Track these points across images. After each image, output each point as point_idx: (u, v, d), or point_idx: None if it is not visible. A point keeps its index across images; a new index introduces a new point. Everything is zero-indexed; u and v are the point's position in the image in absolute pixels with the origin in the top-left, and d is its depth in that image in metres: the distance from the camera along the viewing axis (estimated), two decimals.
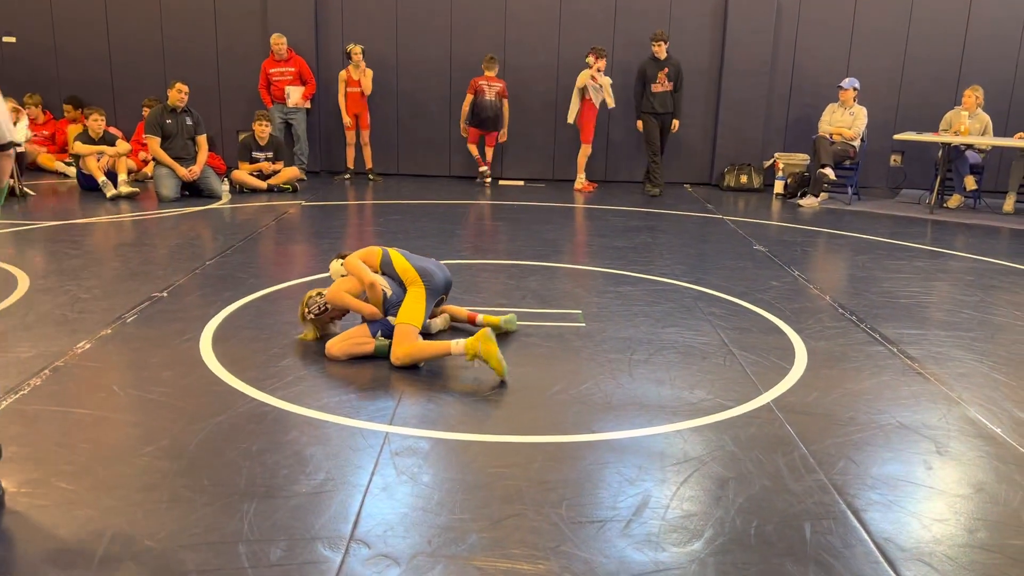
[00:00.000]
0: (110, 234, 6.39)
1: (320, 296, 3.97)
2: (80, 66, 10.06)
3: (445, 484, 2.64)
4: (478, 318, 4.22)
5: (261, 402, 3.23)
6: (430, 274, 3.92)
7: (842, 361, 3.91)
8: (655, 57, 9.18)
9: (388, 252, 4.04)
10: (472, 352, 3.52)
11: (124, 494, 2.51)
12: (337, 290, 3.91)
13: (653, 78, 9.16)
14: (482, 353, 3.50)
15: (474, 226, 7.10)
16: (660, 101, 9.22)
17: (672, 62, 9.19)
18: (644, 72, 9.24)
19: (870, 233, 7.28)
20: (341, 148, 10.00)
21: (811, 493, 2.64)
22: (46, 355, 3.65)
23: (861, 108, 8.95)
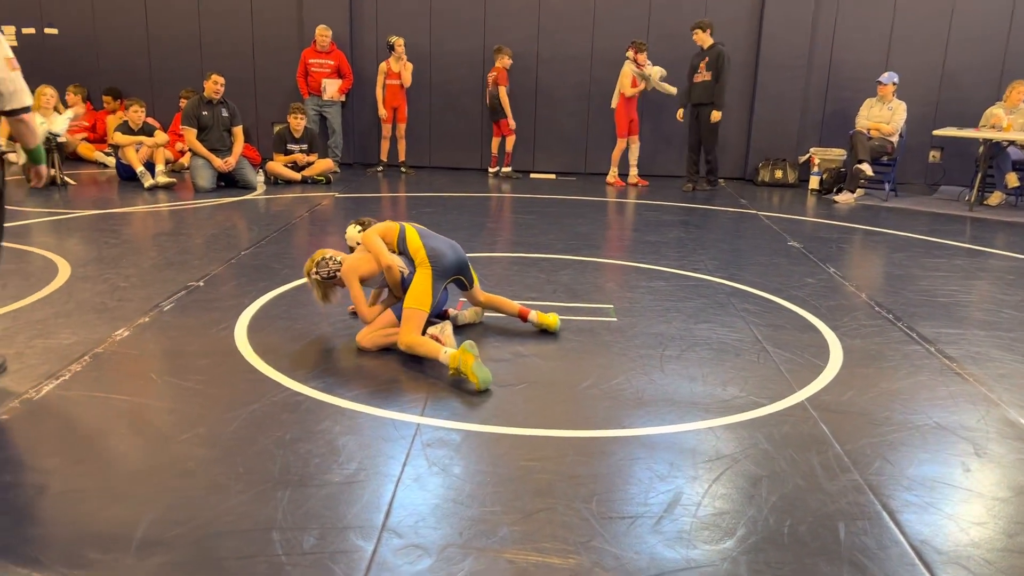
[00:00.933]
0: (148, 223, 6.49)
1: (333, 262, 3.90)
2: (119, 57, 10.21)
3: (476, 476, 2.65)
4: (530, 315, 4.11)
5: (294, 391, 3.26)
6: (440, 255, 3.78)
7: (878, 360, 3.86)
8: (700, 47, 9.01)
9: (405, 228, 3.93)
10: (454, 365, 3.37)
11: (161, 480, 2.55)
12: (352, 271, 3.82)
13: (695, 68, 9.05)
14: (460, 366, 3.35)
15: (505, 219, 7.10)
16: (696, 92, 9.02)
17: (712, 51, 8.91)
18: (691, 63, 9.12)
19: (908, 230, 7.16)
20: (374, 140, 10.06)
21: (845, 493, 2.61)
22: (86, 342, 3.72)
23: (900, 103, 8.79)
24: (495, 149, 9.78)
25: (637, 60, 9.02)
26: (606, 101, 9.56)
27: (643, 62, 9.04)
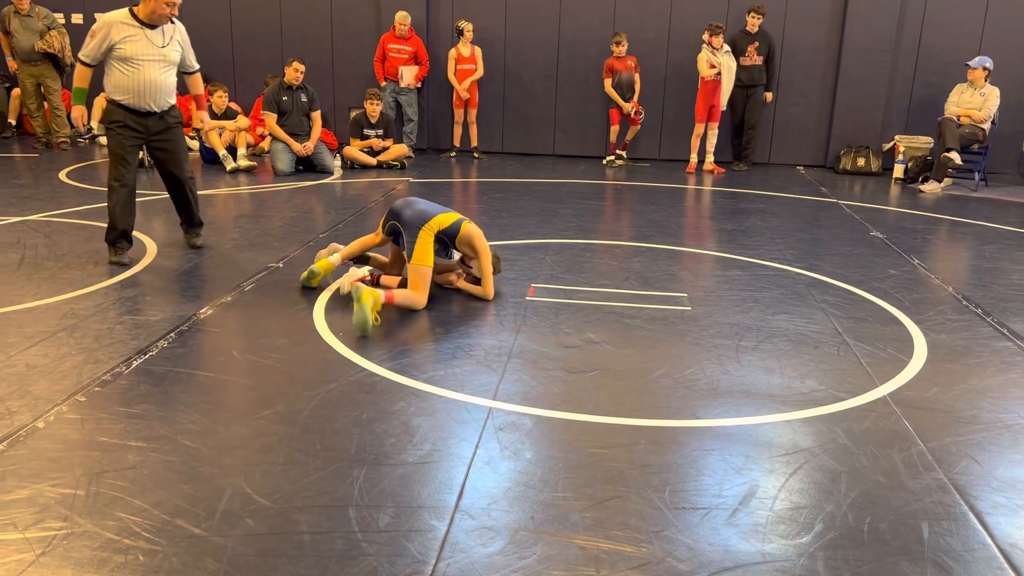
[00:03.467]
0: (229, 206, 6.68)
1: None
2: (203, 43, 10.42)
3: (547, 462, 2.65)
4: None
5: (370, 372, 3.32)
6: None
7: (965, 356, 3.72)
8: (746, 30, 9.19)
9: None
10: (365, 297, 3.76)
11: (243, 454, 2.64)
12: None
13: (742, 51, 9.17)
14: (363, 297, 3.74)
15: (577, 205, 7.07)
16: (747, 74, 9.22)
17: (764, 37, 9.18)
18: (734, 45, 9.20)
19: (998, 222, 6.86)
20: (447, 126, 10.12)
21: (929, 492, 2.53)
22: (172, 319, 3.85)
23: (993, 89, 8.40)
24: (614, 137, 9.70)
25: (712, 43, 8.86)
26: (684, 84, 9.40)
27: (718, 45, 8.86)
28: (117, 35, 4.65)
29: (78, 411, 2.89)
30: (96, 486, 2.41)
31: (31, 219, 5.87)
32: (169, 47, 4.81)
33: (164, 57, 4.79)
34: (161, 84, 4.78)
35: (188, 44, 5.00)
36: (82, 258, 4.87)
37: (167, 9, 4.66)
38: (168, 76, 4.85)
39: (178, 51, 4.90)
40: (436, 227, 4.24)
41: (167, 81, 4.83)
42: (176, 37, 4.88)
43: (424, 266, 4.17)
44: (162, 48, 4.77)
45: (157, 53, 4.75)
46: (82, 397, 3.00)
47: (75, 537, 2.16)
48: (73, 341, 3.54)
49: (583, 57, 9.94)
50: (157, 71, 4.75)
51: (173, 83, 4.91)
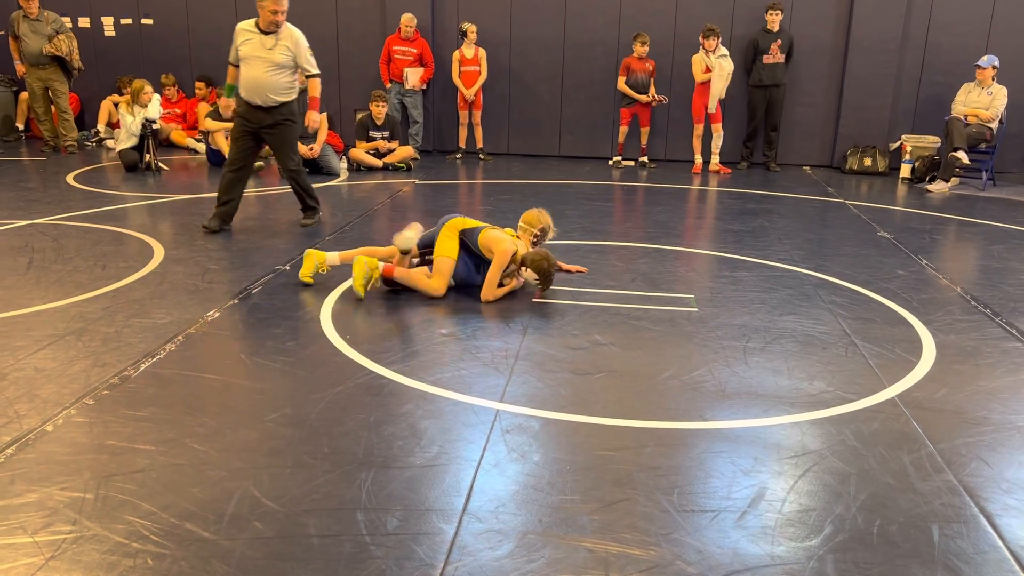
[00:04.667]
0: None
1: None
2: (210, 46, 10.52)
3: (555, 464, 2.65)
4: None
5: (378, 374, 3.32)
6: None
7: (974, 356, 3.70)
8: (768, 29, 9.13)
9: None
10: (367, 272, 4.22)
11: (251, 457, 2.64)
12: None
13: (765, 49, 9.12)
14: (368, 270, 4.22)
15: (583, 207, 7.06)
16: (769, 73, 9.17)
17: (785, 34, 9.15)
18: (756, 44, 9.19)
19: (1006, 221, 6.83)
20: (453, 128, 10.12)
21: (939, 494, 2.52)
22: (179, 322, 3.86)
23: (1001, 88, 8.37)
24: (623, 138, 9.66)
25: (705, 46, 8.86)
26: (689, 85, 9.38)
27: (711, 48, 8.85)
28: (239, 39, 5.59)
29: (86, 414, 2.90)
30: (105, 490, 2.42)
31: (39, 222, 5.89)
32: (275, 50, 5.53)
33: (270, 59, 5.53)
34: (265, 82, 5.55)
35: (300, 49, 5.61)
36: (89, 261, 4.88)
37: (271, 16, 5.45)
38: (272, 76, 5.55)
39: (285, 55, 5.56)
40: (460, 225, 4.45)
41: (271, 80, 5.55)
42: (286, 43, 5.56)
43: (445, 257, 4.37)
44: (269, 51, 5.52)
45: (264, 55, 5.52)
46: (90, 400, 3.01)
47: (84, 541, 2.17)
48: (81, 344, 3.55)
49: (588, 58, 9.93)
50: (262, 70, 5.53)
51: (280, 83, 5.59)
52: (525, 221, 4.75)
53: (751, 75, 9.30)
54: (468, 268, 4.49)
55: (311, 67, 5.70)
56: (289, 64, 5.61)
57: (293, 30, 5.61)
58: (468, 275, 4.50)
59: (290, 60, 5.60)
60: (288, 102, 5.70)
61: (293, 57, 5.60)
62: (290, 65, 5.63)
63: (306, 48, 5.65)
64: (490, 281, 4.32)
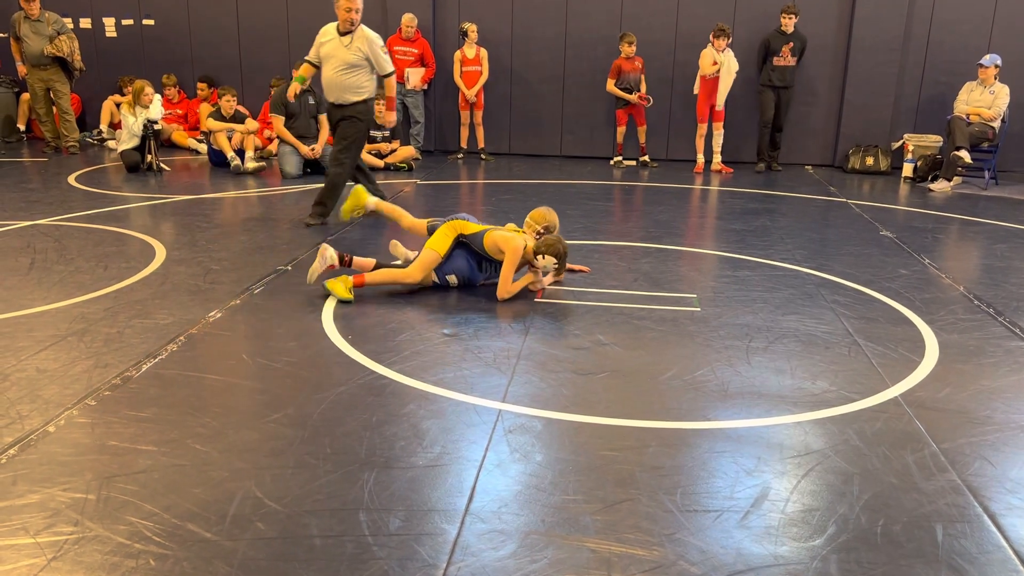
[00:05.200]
0: (238, 208, 6.69)
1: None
2: (211, 47, 10.54)
3: (558, 464, 2.65)
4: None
5: (380, 375, 3.32)
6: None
7: (977, 356, 3.69)
8: (781, 30, 9.00)
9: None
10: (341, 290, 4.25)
11: (253, 458, 2.64)
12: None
13: (777, 51, 9.01)
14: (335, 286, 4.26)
15: (585, 206, 7.05)
16: (780, 75, 9.09)
17: (798, 36, 9.03)
18: (768, 44, 9.09)
19: (1009, 220, 6.82)
20: (454, 128, 10.12)
21: (943, 494, 2.51)
22: (181, 322, 3.86)
23: (1003, 86, 8.36)
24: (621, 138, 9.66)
25: (715, 45, 8.85)
26: (691, 85, 9.37)
27: (719, 47, 8.84)
28: (321, 39, 5.96)
29: (88, 415, 2.90)
30: (107, 490, 2.42)
31: (41, 223, 5.89)
32: (349, 50, 5.81)
33: (343, 59, 5.82)
34: (339, 81, 5.88)
35: (373, 50, 5.85)
36: (91, 262, 4.88)
37: (345, 15, 5.76)
38: (345, 75, 5.85)
39: (357, 55, 5.82)
40: (460, 227, 4.48)
41: (344, 80, 5.86)
42: (359, 43, 5.82)
43: (432, 250, 4.41)
44: (344, 51, 5.82)
45: (339, 55, 5.83)
46: (92, 401, 3.01)
47: (86, 542, 2.17)
48: (83, 345, 3.55)
49: (590, 57, 9.92)
50: (335, 69, 5.86)
51: (352, 82, 5.88)
52: (531, 218, 4.76)
53: (761, 75, 9.21)
54: (471, 266, 4.49)
55: (387, 66, 5.94)
56: (361, 64, 5.85)
57: (367, 31, 5.87)
58: (471, 273, 4.50)
59: (362, 60, 5.84)
60: (359, 101, 5.94)
61: (366, 57, 5.84)
62: (363, 65, 5.86)
63: (379, 48, 5.87)
64: (504, 278, 4.31)
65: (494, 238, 4.37)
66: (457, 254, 4.48)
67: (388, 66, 5.96)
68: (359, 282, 4.33)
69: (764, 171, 9.36)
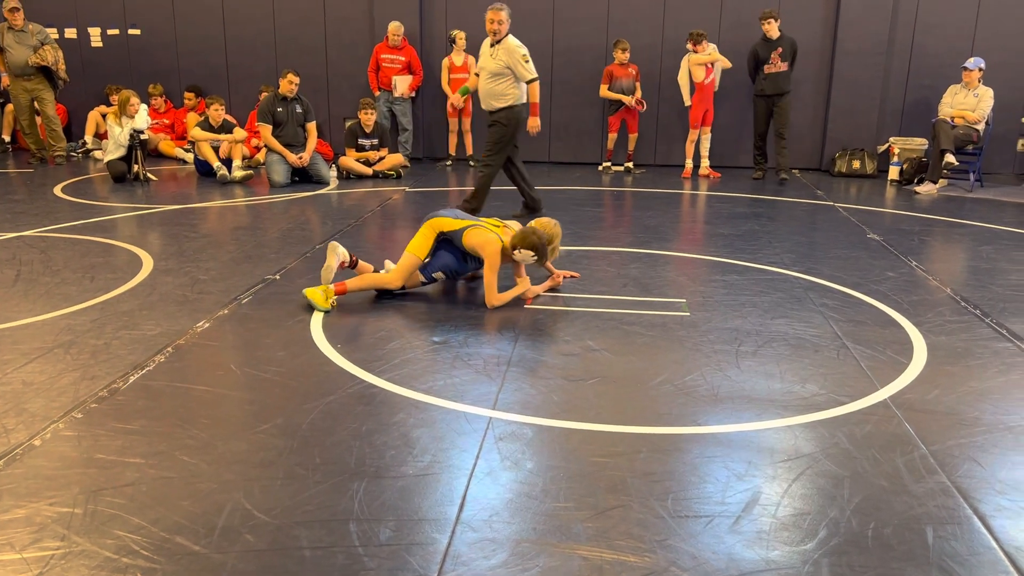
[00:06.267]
0: (225, 218, 6.67)
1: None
2: (198, 56, 10.51)
3: (549, 471, 2.64)
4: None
5: (369, 383, 3.30)
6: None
7: (965, 357, 3.71)
8: (766, 37, 8.85)
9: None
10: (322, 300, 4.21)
11: (242, 469, 2.62)
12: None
13: (766, 59, 8.82)
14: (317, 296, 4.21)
15: (574, 212, 7.06)
16: (772, 83, 8.85)
17: (785, 40, 8.79)
18: (756, 54, 8.94)
19: (994, 222, 6.87)
20: (442, 135, 10.12)
21: (933, 496, 2.52)
22: (169, 333, 3.84)
23: (987, 89, 8.43)
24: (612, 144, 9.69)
25: (697, 51, 8.87)
26: (678, 90, 9.39)
27: (704, 50, 8.87)
28: (481, 51, 6.46)
29: (75, 428, 2.87)
30: (94, 504, 2.39)
31: (26, 235, 5.85)
32: (494, 60, 6.26)
33: (489, 68, 6.32)
34: (486, 89, 6.39)
35: (513, 59, 6.22)
36: (78, 273, 4.85)
37: (488, 26, 6.23)
38: (490, 83, 6.34)
39: (499, 63, 6.23)
40: (438, 226, 4.48)
41: (490, 87, 6.36)
42: (502, 52, 6.22)
43: (411, 254, 4.42)
44: (490, 60, 6.28)
45: (487, 65, 6.35)
46: (79, 414, 2.98)
47: (73, 556, 2.14)
48: (70, 357, 3.52)
49: (577, 64, 9.96)
50: (485, 78, 6.40)
51: (496, 90, 6.33)
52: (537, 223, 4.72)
53: (755, 85, 9.06)
54: (457, 259, 4.52)
55: (526, 73, 6.24)
56: (504, 73, 6.24)
57: (510, 42, 6.24)
58: (459, 265, 4.54)
59: (504, 69, 6.22)
60: (504, 107, 6.35)
61: (507, 66, 6.20)
62: (505, 74, 6.25)
63: (520, 56, 6.20)
64: (489, 287, 4.32)
65: (472, 239, 4.38)
66: (441, 252, 4.50)
67: (528, 73, 6.24)
68: (341, 290, 4.31)
69: (762, 179, 9.17)
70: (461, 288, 4.76)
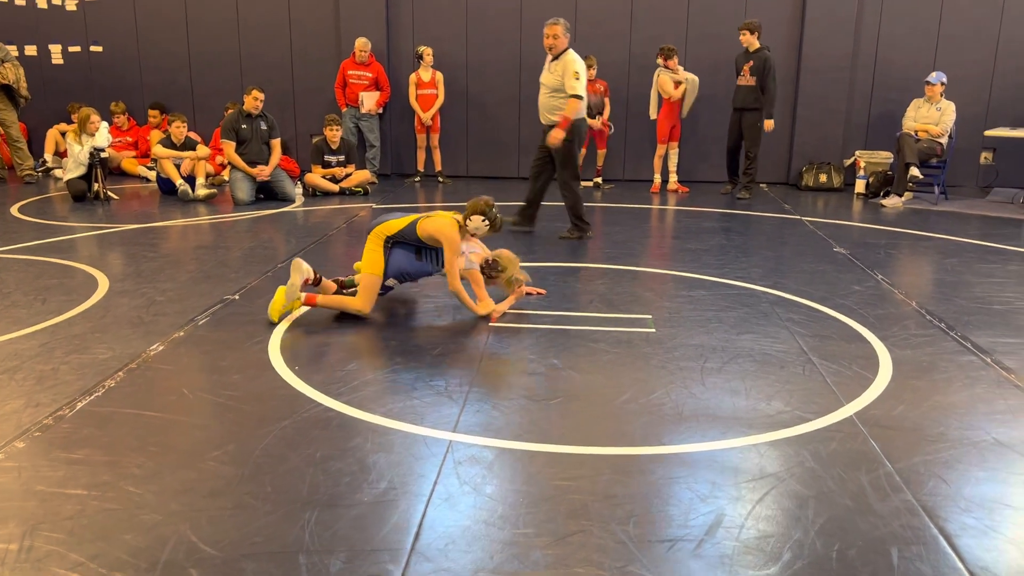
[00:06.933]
0: (187, 237, 6.54)
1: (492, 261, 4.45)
2: (162, 73, 10.37)
3: (509, 496, 2.57)
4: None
5: (327, 407, 3.22)
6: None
7: (931, 372, 3.69)
8: (745, 49, 8.76)
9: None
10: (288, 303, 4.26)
11: (190, 500, 2.52)
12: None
13: (739, 70, 8.80)
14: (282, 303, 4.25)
15: (542, 227, 7.01)
16: (738, 95, 8.82)
17: (758, 56, 8.63)
18: (736, 63, 8.90)
19: (959, 235, 6.92)
20: (410, 151, 10.06)
21: (898, 515, 2.48)
22: (121, 357, 3.72)
23: (949, 103, 8.53)
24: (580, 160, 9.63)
25: (668, 66, 8.89)
26: (646, 106, 9.40)
27: (674, 67, 8.89)
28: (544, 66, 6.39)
29: (15, 459, 2.75)
30: (31, 539, 2.28)
31: None
32: (552, 75, 6.24)
33: (545, 82, 6.34)
34: (542, 103, 6.40)
35: (566, 72, 6.14)
36: (29, 296, 4.71)
37: (545, 41, 6.21)
38: (547, 97, 6.32)
39: (556, 78, 6.19)
40: (383, 232, 4.38)
41: (546, 101, 6.35)
42: (558, 68, 6.18)
43: (369, 274, 4.32)
44: (548, 74, 6.28)
45: (545, 79, 6.33)
46: (21, 443, 2.86)
47: None
48: (14, 384, 3.40)
49: None
50: (543, 92, 6.38)
51: (553, 104, 6.27)
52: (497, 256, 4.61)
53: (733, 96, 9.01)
54: (411, 259, 4.43)
55: (570, 88, 6.13)
56: (559, 86, 6.19)
57: (568, 56, 6.16)
58: (412, 266, 4.45)
59: (559, 82, 6.17)
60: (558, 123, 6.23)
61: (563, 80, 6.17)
62: (561, 87, 6.18)
63: (572, 72, 6.10)
64: (450, 269, 4.29)
65: (426, 228, 4.32)
66: (394, 257, 4.40)
67: (571, 88, 6.12)
68: (310, 301, 4.27)
69: (728, 192, 9.18)
70: (424, 306, 4.68)
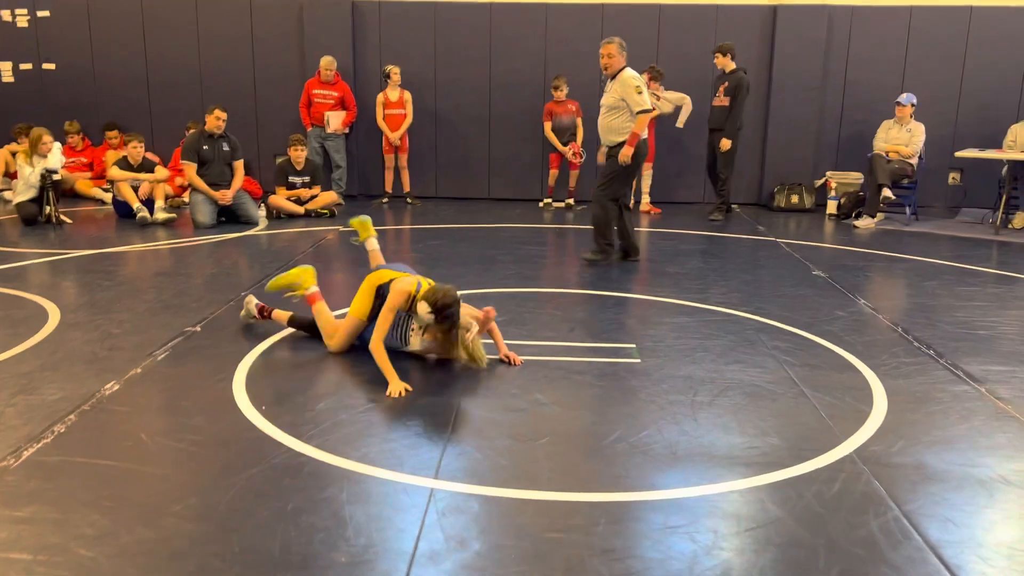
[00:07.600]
0: (145, 263, 6.25)
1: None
2: (118, 91, 10.03)
3: (497, 552, 2.37)
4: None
5: (297, 452, 2.99)
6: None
7: (926, 403, 3.58)
8: (721, 71, 8.71)
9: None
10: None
11: (148, 562, 2.28)
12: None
13: (714, 91, 8.75)
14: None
15: (516, 251, 6.84)
16: (714, 116, 8.75)
17: (733, 76, 8.58)
18: (715, 83, 8.82)
19: (933, 256, 6.89)
20: (378, 172, 9.84)
21: (912, 564, 2.33)
22: (72, 398, 3.45)
23: (919, 124, 8.56)
24: (553, 181, 9.54)
25: (650, 87, 8.80)
26: None
27: (655, 89, 8.81)
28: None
29: None
30: None
31: None
32: (609, 94, 6.14)
33: (604, 103, 6.20)
34: (602, 124, 6.27)
35: (626, 90, 6.01)
36: None
37: (601, 60, 6.15)
38: (606, 118, 6.20)
39: (614, 96, 6.08)
40: (376, 280, 4.09)
41: (604, 122, 6.22)
42: (617, 87, 6.06)
43: (353, 316, 4.07)
44: (607, 94, 6.17)
45: (605, 99, 6.21)
46: None
47: None
48: None
49: (516, 99, 9.82)
50: (602, 112, 6.24)
51: (611, 124, 6.16)
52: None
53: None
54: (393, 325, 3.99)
55: (635, 105, 5.99)
56: (619, 106, 6.06)
57: (626, 74, 6.06)
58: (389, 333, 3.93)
59: (619, 102, 6.05)
60: (621, 142, 6.08)
61: (622, 98, 6.02)
62: (620, 107, 6.05)
63: (632, 87, 5.98)
64: (378, 324, 3.81)
65: (394, 286, 3.90)
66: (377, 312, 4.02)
67: (636, 105, 5.99)
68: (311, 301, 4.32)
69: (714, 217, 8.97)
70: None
